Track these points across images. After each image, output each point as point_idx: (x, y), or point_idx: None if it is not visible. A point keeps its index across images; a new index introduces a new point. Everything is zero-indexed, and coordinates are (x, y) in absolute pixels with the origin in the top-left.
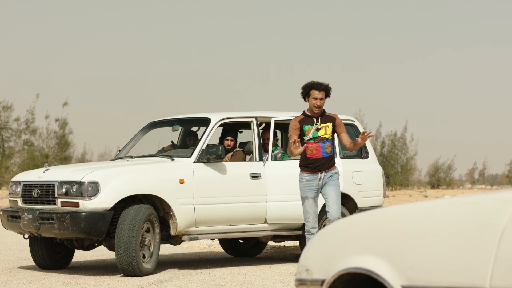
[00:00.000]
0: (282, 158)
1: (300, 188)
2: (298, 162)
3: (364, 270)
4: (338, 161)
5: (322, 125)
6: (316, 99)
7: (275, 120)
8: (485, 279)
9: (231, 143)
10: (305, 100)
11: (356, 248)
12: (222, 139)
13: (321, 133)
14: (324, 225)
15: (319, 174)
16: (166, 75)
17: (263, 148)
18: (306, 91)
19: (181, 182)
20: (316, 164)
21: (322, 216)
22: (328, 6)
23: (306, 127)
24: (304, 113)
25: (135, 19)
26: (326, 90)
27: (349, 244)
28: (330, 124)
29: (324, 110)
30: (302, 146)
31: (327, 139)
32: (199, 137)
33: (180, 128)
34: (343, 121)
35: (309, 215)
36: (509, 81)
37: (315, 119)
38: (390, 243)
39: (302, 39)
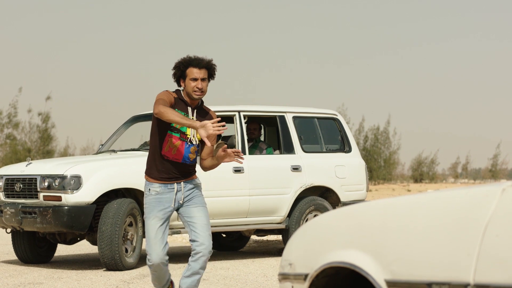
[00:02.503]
0: (267, 152)
1: (145, 206)
2: (279, 155)
3: (348, 265)
4: (320, 156)
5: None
6: (196, 79)
7: (258, 113)
8: (469, 273)
9: None
10: (179, 85)
11: (340, 242)
12: None
13: (191, 132)
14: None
15: (175, 184)
16: (149, 69)
17: (249, 138)
18: (181, 69)
19: None
20: (171, 170)
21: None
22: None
23: (179, 112)
24: (178, 94)
25: (121, 13)
26: (208, 67)
27: (332, 238)
28: None
29: (202, 100)
30: (164, 136)
31: (195, 143)
32: None
33: None
34: (325, 115)
35: (150, 246)
36: (492, 75)
37: (189, 109)
38: (373, 238)
39: (283, 33)
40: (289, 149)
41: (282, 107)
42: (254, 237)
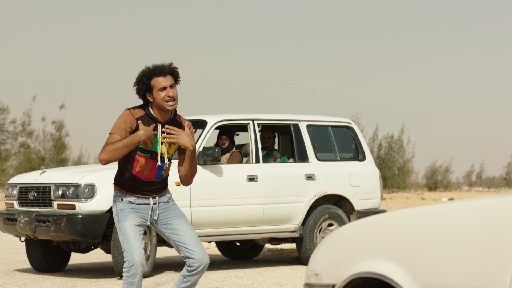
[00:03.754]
0: (281, 161)
1: (117, 213)
2: (293, 164)
3: (377, 275)
4: (334, 164)
5: (168, 138)
6: (164, 88)
7: (271, 122)
8: (504, 285)
9: (226, 142)
10: (145, 101)
11: (368, 252)
12: (218, 141)
13: (161, 150)
14: (191, 273)
15: (150, 199)
16: None
17: (263, 147)
18: (145, 82)
19: (178, 184)
20: (145, 188)
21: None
22: (326, 12)
23: None
24: (145, 109)
25: (135, 23)
26: (172, 72)
27: (360, 248)
28: None
29: (175, 111)
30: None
31: (169, 158)
32: (195, 139)
33: None
34: (339, 124)
35: (131, 245)
36: (506, 83)
37: (159, 126)
38: (403, 247)
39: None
40: (303, 158)
41: (296, 115)
42: (268, 246)
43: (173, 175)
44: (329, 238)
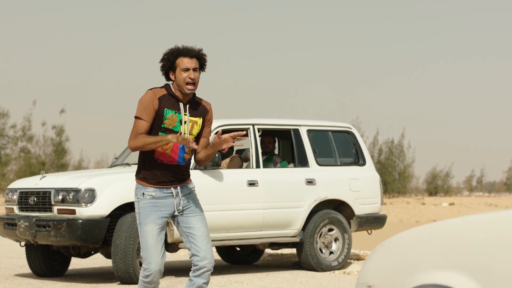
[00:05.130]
0: (281, 166)
1: (138, 211)
2: (294, 169)
3: (443, 287)
4: (335, 169)
5: (191, 118)
6: (187, 69)
7: (271, 127)
8: None
9: (226, 148)
10: (168, 79)
11: (431, 262)
12: None
13: (184, 130)
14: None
15: (172, 189)
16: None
17: (263, 151)
18: (170, 60)
19: None
20: (166, 174)
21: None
22: (327, 19)
23: (169, 112)
24: (167, 89)
25: (136, 29)
26: (199, 57)
27: (421, 257)
28: (200, 120)
29: (194, 93)
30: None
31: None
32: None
33: None
34: (339, 128)
35: (150, 254)
36: (506, 88)
37: (181, 105)
38: (473, 257)
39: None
40: (303, 162)
41: (296, 120)
42: (268, 251)
43: None
44: (384, 246)
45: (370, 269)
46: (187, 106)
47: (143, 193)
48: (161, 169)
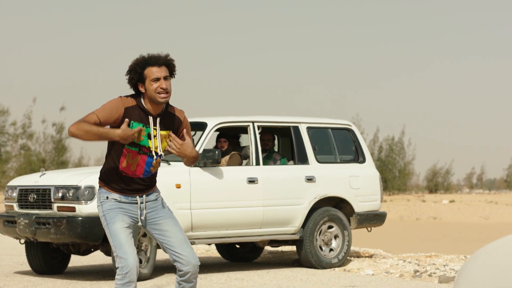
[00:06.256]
0: (281, 163)
1: (103, 214)
2: (293, 166)
3: None
4: (335, 166)
5: (161, 132)
6: (158, 79)
7: (272, 124)
8: None
9: (225, 145)
10: (137, 91)
11: None
12: (217, 143)
13: (154, 144)
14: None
15: (138, 197)
16: None
17: (263, 149)
18: (138, 72)
19: (178, 186)
20: (132, 184)
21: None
22: (329, 18)
23: (136, 126)
24: (137, 101)
25: (136, 27)
26: (167, 64)
27: None
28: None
29: (168, 103)
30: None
31: (160, 155)
32: (194, 142)
33: None
34: (339, 126)
35: (125, 251)
36: (507, 86)
37: (151, 119)
38: None
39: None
40: (303, 160)
41: (296, 118)
42: (268, 248)
43: (174, 178)
44: (486, 251)
45: (470, 277)
46: (158, 119)
47: (107, 197)
48: (125, 180)
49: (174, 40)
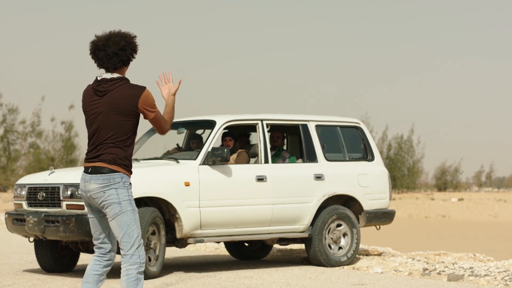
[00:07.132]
0: (290, 161)
1: (129, 198)
2: (302, 164)
3: None
4: (342, 164)
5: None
6: None
7: (279, 122)
8: None
9: (230, 143)
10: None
11: None
12: (222, 142)
13: None
14: None
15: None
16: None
17: (272, 147)
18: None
19: (187, 184)
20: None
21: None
22: (337, 17)
23: None
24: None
25: (143, 26)
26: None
27: None
28: None
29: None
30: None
31: None
32: (203, 140)
33: (186, 131)
34: (348, 124)
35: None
36: None
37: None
38: None
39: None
40: (312, 158)
41: (304, 116)
42: (277, 246)
43: (183, 176)
44: None
45: None
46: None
47: (130, 183)
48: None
49: (183, 39)
